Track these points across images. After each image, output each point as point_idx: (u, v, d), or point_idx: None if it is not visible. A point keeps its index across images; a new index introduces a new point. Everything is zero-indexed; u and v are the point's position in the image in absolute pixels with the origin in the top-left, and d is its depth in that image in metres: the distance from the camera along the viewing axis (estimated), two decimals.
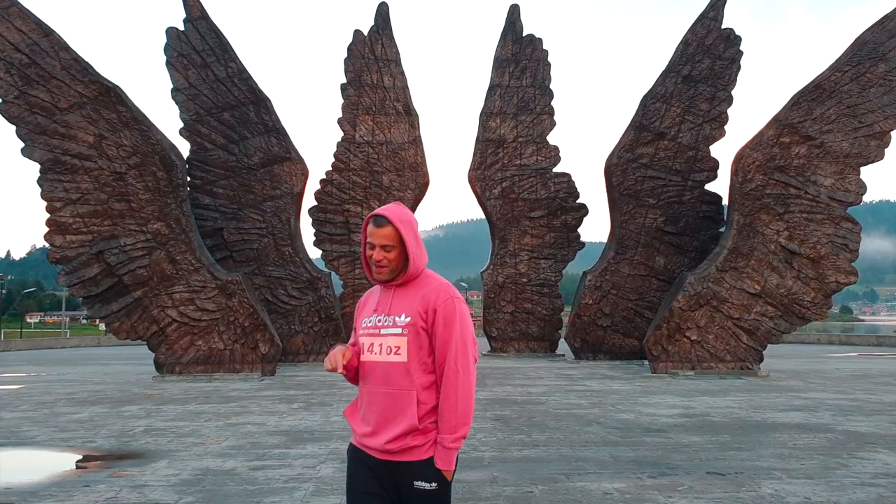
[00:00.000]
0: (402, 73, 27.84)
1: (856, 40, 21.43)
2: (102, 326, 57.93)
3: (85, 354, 39.88)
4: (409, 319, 3.59)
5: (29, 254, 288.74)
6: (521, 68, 28.81)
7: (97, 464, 9.35)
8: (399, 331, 3.60)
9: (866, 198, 22.45)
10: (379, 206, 26.64)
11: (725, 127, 24.91)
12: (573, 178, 28.53)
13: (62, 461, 9.61)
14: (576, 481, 8.15)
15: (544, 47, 29.05)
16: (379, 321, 3.68)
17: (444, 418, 3.55)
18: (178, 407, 14.73)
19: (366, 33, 27.64)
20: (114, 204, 20.09)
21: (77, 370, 26.04)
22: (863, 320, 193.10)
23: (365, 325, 3.75)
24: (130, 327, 20.57)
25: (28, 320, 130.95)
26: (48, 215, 19.90)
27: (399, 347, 3.59)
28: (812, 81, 21.45)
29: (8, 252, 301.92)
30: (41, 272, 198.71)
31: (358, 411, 3.76)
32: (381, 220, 3.62)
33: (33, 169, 20.73)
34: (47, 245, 20.20)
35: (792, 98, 21.54)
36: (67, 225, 19.91)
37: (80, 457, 9.82)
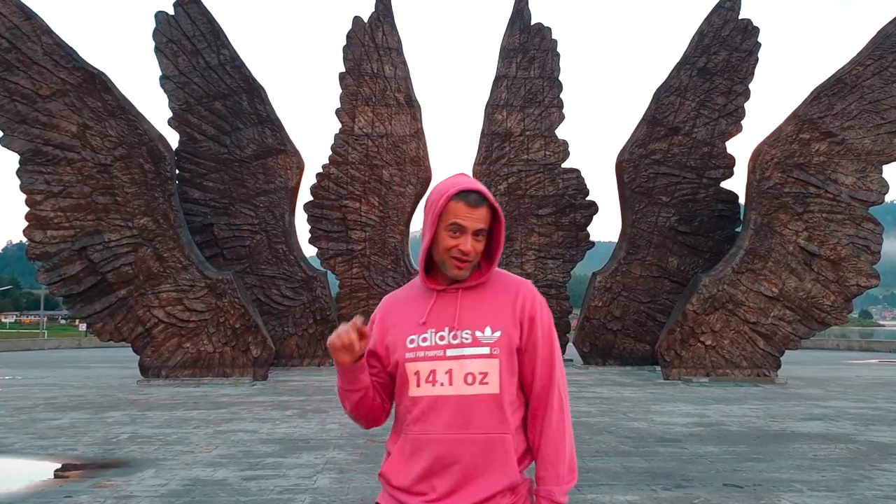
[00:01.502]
0: (404, 62, 27.77)
1: (878, 33, 21.42)
2: (83, 327, 57.89)
3: (64, 357, 39.88)
4: (498, 335, 2.80)
5: (4, 249, 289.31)
6: (528, 58, 28.73)
7: (79, 473, 9.30)
8: (486, 350, 2.78)
9: (888, 197, 22.43)
10: (378, 203, 26.69)
11: (742, 122, 24.88)
12: (583, 175, 28.43)
13: (41, 470, 9.55)
14: (586, 493, 8.10)
15: (553, 37, 28.95)
16: (441, 338, 2.80)
17: (551, 466, 2.87)
18: (164, 413, 14.68)
19: (366, 20, 27.56)
20: (98, 197, 20.05)
21: (56, 373, 26.01)
22: (883, 325, 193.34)
23: (412, 346, 2.82)
24: (114, 328, 20.52)
25: (3, 320, 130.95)
26: (27, 209, 19.87)
27: (486, 374, 2.77)
28: (833, 75, 21.43)
29: None
30: (17, 269, 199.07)
31: (407, 466, 2.81)
32: (476, 198, 2.80)
33: (12, 160, 20.70)
34: (26, 240, 20.20)
35: (812, 92, 21.54)
36: (48, 219, 19.86)
37: (60, 465, 9.77)
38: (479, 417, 2.74)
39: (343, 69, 27.48)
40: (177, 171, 22.64)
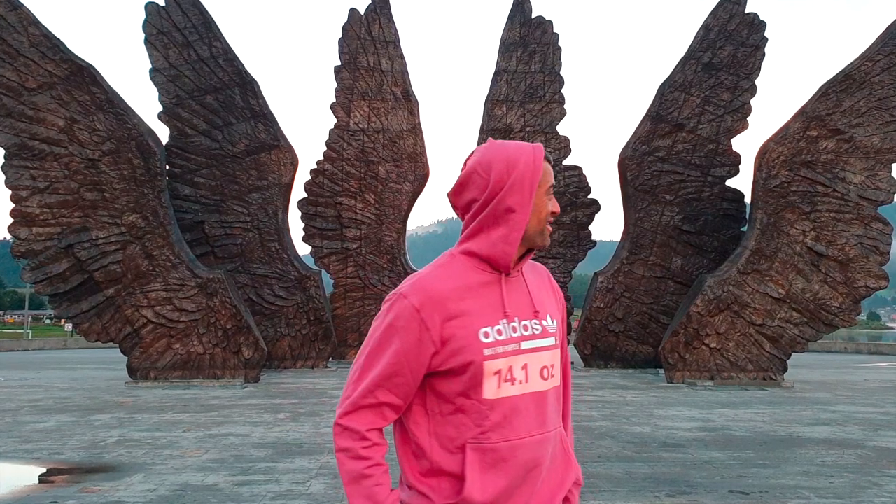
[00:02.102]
0: (402, 56, 27.75)
1: (888, 28, 21.44)
2: (69, 327, 57.83)
3: (50, 358, 39.75)
4: (556, 323, 2.71)
5: None
6: (529, 53, 28.72)
7: (65, 478, 9.28)
8: (553, 341, 2.65)
9: None
10: (374, 200, 26.69)
11: (748, 119, 24.85)
12: (584, 172, 28.45)
13: (26, 475, 9.54)
14: (588, 500, 8.09)
15: (554, 30, 28.96)
16: (514, 330, 2.55)
17: (571, 448, 2.84)
18: (153, 416, 14.66)
19: (362, 12, 27.52)
20: (85, 193, 20.01)
21: (41, 375, 25.93)
22: (892, 328, 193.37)
23: (488, 342, 2.50)
24: (101, 328, 20.48)
25: None
26: (13, 205, 19.80)
27: (555, 366, 2.65)
28: (841, 71, 21.46)
29: None
30: (1, 267, 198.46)
31: (487, 485, 2.48)
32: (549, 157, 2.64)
33: None
34: (11, 237, 20.12)
35: (820, 89, 21.56)
36: (34, 216, 19.81)
37: (46, 470, 9.75)
38: (551, 413, 2.63)
39: (338, 62, 27.46)
40: (167, 167, 22.61)
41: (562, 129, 28.58)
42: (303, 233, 26.89)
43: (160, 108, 24.09)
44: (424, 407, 2.57)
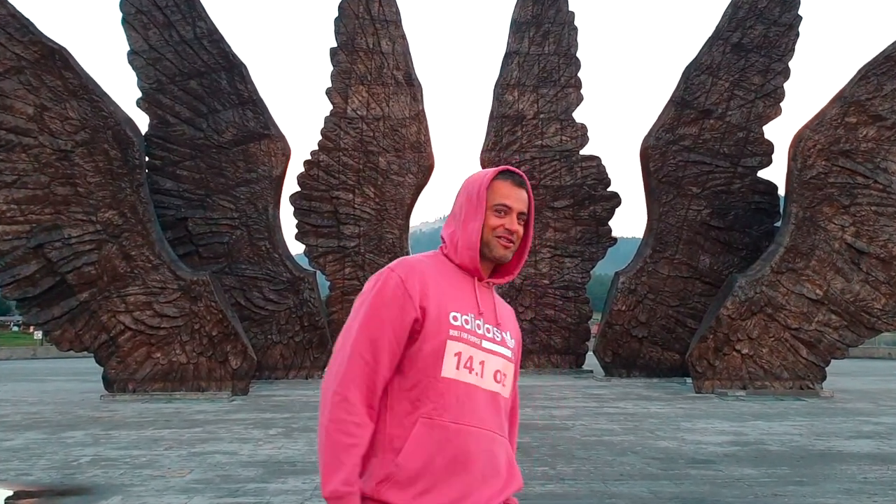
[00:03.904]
0: (403, 37, 27.75)
1: None
2: (39, 335, 57.76)
3: (17, 369, 39.73)
4: (514, 343, 3.15)
5: None
6: (542, 33, 28.71)
7: (34, 501, 9.24)
8: (509, 354, 3.09)
9: None
10: (374, 194, 26.66)
11: (781, 104, 24.84)
12: (603, 163, 28.44)
13: None
14: None
15: (570, 8, 28.96)
16: (478, 327, 3.00)
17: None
18: (132, 432, 14.62)
19: None
20: (57, 188, 19.98)
21: (8, 388, 25.91)
22: None
23: (456, 324, 2.94)
24: (75, 336, 20.44)
25: None
26: None
27: (506, 376, 3.06)
28: (882, 53, 21.40)
29: None
30: None
31: (422, 456, 2.85)
32: (519, 179, 3.13)
33: None
34: None
35: (859, 71, 21.51)
36: (0, 213, 19.80)
37: (13, 493, 9.71)
38: (500, 417, 3.01)
39: (335, 44, 27.45)
40: (147, 159, 22.64)
41: (578, 115, 28.61)
42: (296, 230, 26.91)
43: (139, 94, 24.09)
44: (394, 381, 2.94)
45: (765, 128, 24.89)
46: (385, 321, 2.87)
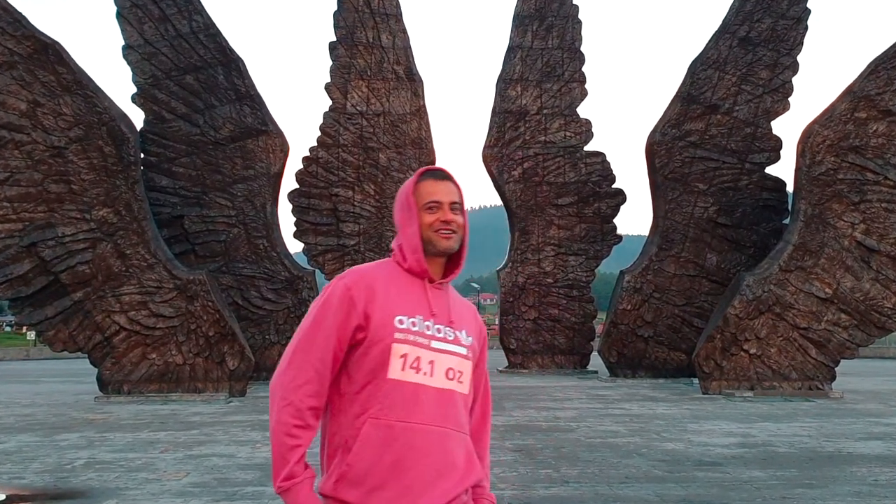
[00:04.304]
0: (404, 31, 27.72)
1: None
2: (32, 335, 57.79)
3: (10, 370, 39.77)
4: (472, 341, 3.30)
5: None
6: (546, 27, 28.70)
7: None
8: (465, 352, 3.25)
9: None
10: (374, 191, 26.70)
11: (790, 99, 24.81)
12: (608, 159, 28.43)
13: None
14: None
15: (574, 1, 28.94)
16: (428, 328, 3.17)
17: (486, 468, 3.41)
18: (127, 435, 14.62)
19: None
20: (50, 185, 19.96)
21: (0, 389, 25.94)
22: None
23: (401, 327, 3.12)
24: (68, 337, 20.42)
25: None
26: None
27: (462, 374, 3.22)
28: (892, 46, 21.41)
29: None
30: None
31: (370, 456, 3.04)
32: (440, 173, 3.39)
33: None
34: None
35: (869, 65, 21.48)
36: None
37: (5, 497, 9.69)
38: (454, 413, 3.15)
39: (334, 38, 27.43)
40: (142, 155, 22.57)
41: (582, 111, 28.64)
42: (294, 228, 26.87)
43: (134, 89, 24.06)
44: (338, 387, 3.16)
45: (773, 123, 24.86)
46: (329, 328, 3.09)
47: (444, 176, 3.35)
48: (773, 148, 24.85)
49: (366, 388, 3.09)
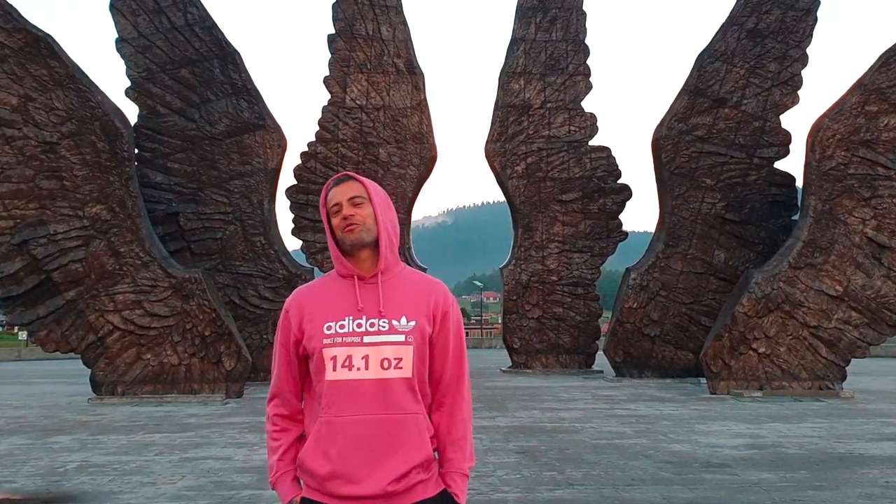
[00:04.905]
0: (405, 23, 27.72)
1: None
2: (23, 335, 57.73)
3: (1, 371, 39.81)
4: (413, 324, 3.49)
5: None
6: (549, 19, 28.68)
7: None
8: (402, 338, 3.45)
9: None
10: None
11: (799, 92, 24.78)
12: (613, 154, 28.42)
13: None
14: None
15: None
16: (359, 326, 3.45)
17: (460, 449, 3.62)
18: (121, 437, 14.62)
19: None
20: (42, 182, 19.96)
21: None
22: None
23: (329, 333, 3.45)
24: (61, 337, 20.41)
25: None
26: None
27: (401, 360, 3.44)
28: None
29: None
30: None
31: (320, 450, 3.43)
32: (342, 178, 3.63)
33: None
34: None
35: (880, 58, 21.51)
36: None
37: None
38: (396, 398, 3.41)
39: (333, 30, 27.41)
40: (136, 151, 22.58)
41: (587, 104, 28.62)
42: (292, 225, 26.90)
43: (128, 83, 24.04)
44: (310, 391, 3.61)
45: (782, 117, 24.83)
46: (281, 346, 3.64)
47: (344, 179, 3.62)
48: (782, 142, 24.83)
49: (317, 390, 3.51)
